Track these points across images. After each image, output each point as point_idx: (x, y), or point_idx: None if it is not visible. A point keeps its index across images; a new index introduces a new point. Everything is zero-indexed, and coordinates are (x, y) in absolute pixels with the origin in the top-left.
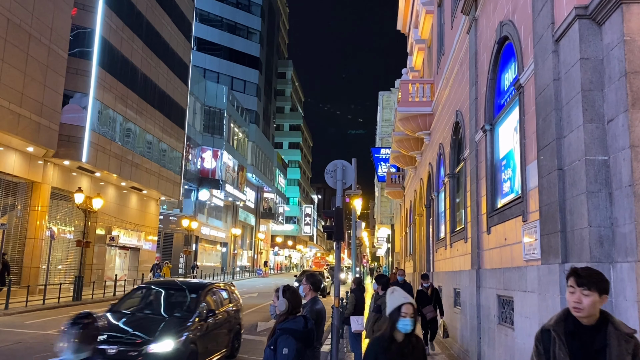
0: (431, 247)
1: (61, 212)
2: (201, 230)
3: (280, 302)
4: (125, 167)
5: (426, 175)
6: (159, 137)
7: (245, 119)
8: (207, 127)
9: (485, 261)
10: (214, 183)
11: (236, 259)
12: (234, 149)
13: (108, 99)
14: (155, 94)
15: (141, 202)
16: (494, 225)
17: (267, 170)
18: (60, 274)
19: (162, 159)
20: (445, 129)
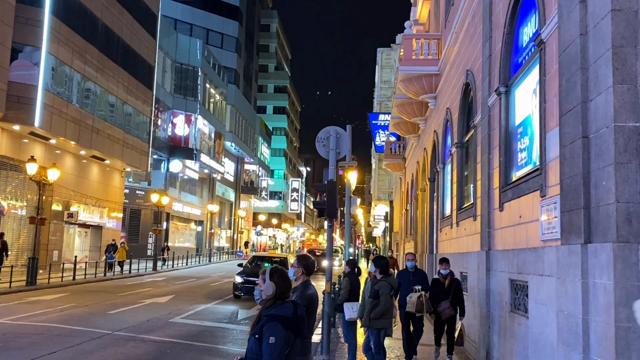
0: (435, 226)
1: (11, 184)
2: (173, 206)
3: (266, 285)
4: (84, 133)
5: (431, 145)
6: (123, 99)
7: (223, 79)
8: (178, 87)
9: (496, 241)
10: (187, 152)
11: (213, 239)
12: (210, 114)
13: (64, 54)
14: (119, 48)
15: (103, 173)
16: (507, 201)
17: (248, 139)
18: (12, 255)
19: (127, 124)
20: (454, 92)
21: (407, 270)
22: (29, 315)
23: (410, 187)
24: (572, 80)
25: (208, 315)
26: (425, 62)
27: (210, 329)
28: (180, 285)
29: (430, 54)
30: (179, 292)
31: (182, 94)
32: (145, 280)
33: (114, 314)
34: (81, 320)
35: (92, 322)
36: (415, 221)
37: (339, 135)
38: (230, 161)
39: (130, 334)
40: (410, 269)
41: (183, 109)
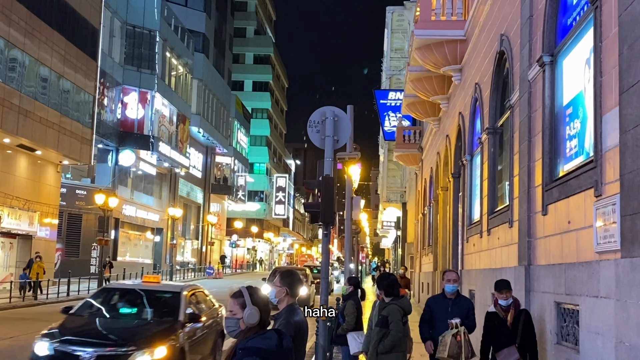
0: (460, 234)
1: None
2: (123, 209)
3: (248, 312)
4: (9, 115)
5: (455, 131)
6: (59, 72)
7: (188, 46)
8: (130, 57)
9: (538, 254)
10: (141, 141)
11: (175, 253)
12: (172, 91)
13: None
14: (53, 7)
15: (34, 168)
16: (552, 202)
17: (220, 123)
18: None
19: (64, 105)
20: (484, 63)
21: (445, 297)
22: None
23: (428, 185)
24: (636, 47)
25: None
26: (448, 24)
27: None
28: None
29: (455, 14)
30: None
31: (136, 66)
32: None
33: None
34: (4, 356)
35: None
36: (435, 229)
37: (337, 118)
38: (197, 152)
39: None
40: (449, 295)
41: (136, 85)
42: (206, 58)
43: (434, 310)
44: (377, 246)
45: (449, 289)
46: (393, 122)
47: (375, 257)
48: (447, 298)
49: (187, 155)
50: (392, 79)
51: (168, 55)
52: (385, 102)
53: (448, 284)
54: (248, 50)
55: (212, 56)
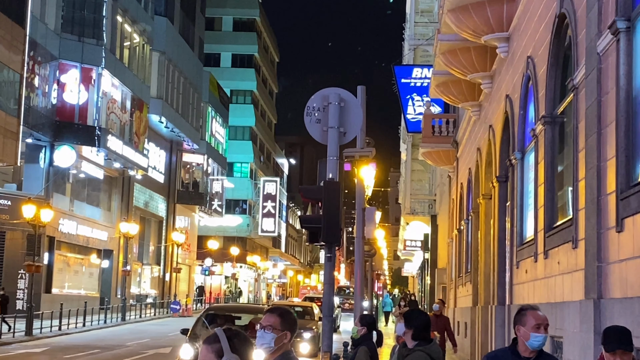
0: (508, 257)
1: None
2: (60, 225)
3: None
4: None
5: (500, 121)
6: None
7: (146, 9)
8: (70, 23)
9: (612, 284)
10: (84, 134)
11: (129, 282)
12: (125, 67)
13: None
14: None
15: None
16: (630, 215)
17: (189, 110)
18: None
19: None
20: (540, 30)
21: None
22: None
23: (466, 193)
24: None
25: None
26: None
27: None
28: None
29: None
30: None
31: (76, 34)
32: (12, 352)
33: None
34: None
35: None
36: (475, 250)
37: (345, 103)
38: (159, 148)
39: None
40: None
41: (77, 60)
42: (170, 23)
43: None
44: (397, 272)
45: (538, 342)
46: (419, 108)
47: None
48: (522, 358)
49: (145, 152)
50: (417, 51)
51: (120, 20)
52: (409, 82)
53: (538, 332)
54: (226, 13)
55: (179, 21)
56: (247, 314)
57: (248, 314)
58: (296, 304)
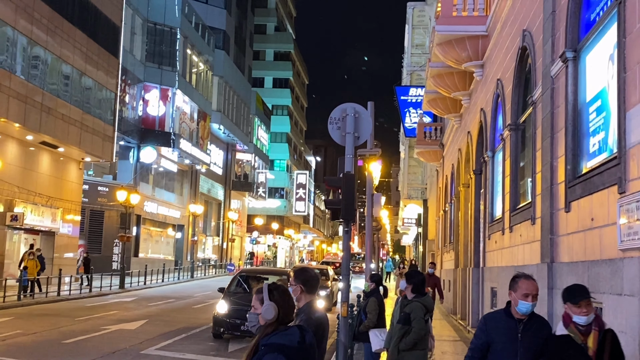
0: (482, 231)
1: None
2: (145, 206)
3: (265, 307)
4: (31, 112)
5: (476, 128)
6: (81, 69)
7: (208, 43)
8: (152, 54)
9: (561, 251)
10: (162, 137)
11: (196, 249)
12: (193, 88)
13: (5, 11)
14: (75, 4)
15: (56, 165)
16: (575, 199)
17: (241, 120)
18: None
19: (86, 102)
20: (507, 58)
21: (510, 317)
22: None
23: (449, 182)
24: None
25: (190, 346)
26: (470, 19)
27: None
28: (155, 308)
29: (476, 9)
30: (153, 316)
31: (157, 63)
32: (109, 300)
33: (70, 344)
34: (29, 351)
35: (42, 353)
36: (457, 226)
37: (358, 114)
38: (218, 149)
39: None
40: (519, 315)
41: (157, 82)
42: (227, 55)
43: (493, 339)
44: (397, 243)
45: (524, 309)
46: (414, 118)
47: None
48: (515, 319)
49: (207, 152)
50: (413, 75)
51: (189, 53)
52: (406, 99)
53: (526, 300)
54: (268, 47)
55: (233, 53)
56: (272, 275)
57: (273, 275)
58: (314, 267)
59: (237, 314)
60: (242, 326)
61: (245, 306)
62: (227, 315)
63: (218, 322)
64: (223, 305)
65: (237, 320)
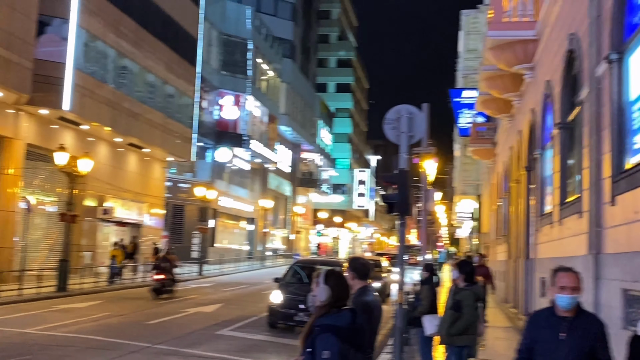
0: (532, 225)
1: (39, 176)
2: (220, 201)
3: (320, 289)
4: (120, 117)
5: (527, 127)
6: (164, 78)
7: (277, 52)
8: (226, 63)
9: (607, 243)
10: (236, 139)
11: (266, 240)
12: (262, 93)
13: (96, 26)
14: (158, 19)
15: (142, 164)
16: (620, 193)
17: (306, 122)
18: (40, 257)
19: (168, 107)
20: (555, 61)
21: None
22: (59, 325)
23: (502, 179)
24: None
25: (260, 328)
26: (520, 25)
27: (262, 343)
28: (229, 293)
29: (526, 15)
30: (227, 300)
31: (230, 71)
32: (189, 286)
33: (153, 325)
34: (116, 331)
35: (128, 333)
36: (509, 219)
37: (412, 115)
38: (285, 149)
39: (171, 348)
40: (562, 312)
41: (231, 89)
42: (293, 63)
43: (537, 338)
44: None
45: (563, 303)
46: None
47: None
48: (559, 317)
49: (276, 151)
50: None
51: (259, 61)
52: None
53: (562, 293)
54: (331, 54)
55: (299, 61)
56: (326, 265)
57: (327, 266)
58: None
59: (291, 304)
60: (295, 316)
61: (300, 296)
62: (281, 306)
63: (272, 312)
64: (277, 295)
65: (291, 311)
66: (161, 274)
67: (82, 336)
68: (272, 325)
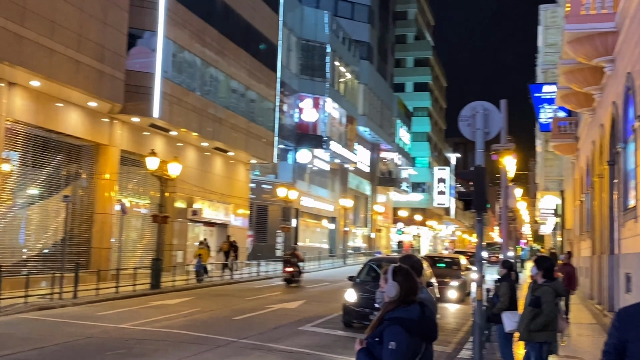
0: (616, 219)
1: (133, 181)
2: (301, 201)
3: (389, 285)
4: (206, 123)
5: (609, 120)
6: (246, 84)
7: (354, 55)
8: (305, 67)
9: None
10: (316, 140)
11: (347, 238)
12: (341, 95)
13: (182, 37)
14: (239, 27)
15: (227, 166)
16: None
17: (384, 122)
18: (135, 256)
19: (250, 112)
20: (635, 53)
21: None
22: (152, 321)
23: (584, 174)
24: None
25: (341, 324)
26: (598, 17)
27: (343, 338)
28: (312, 290)
29: (605, 7)
30: (310, 297)
31: (309, 75)
32: (273, 283)
33: (239, 320)
34: (205, 326)
35: (216, 328)
36: (592, 215)
37: (488, 111)
38: (364, 149)
39: (256, 342)
40: None
41: (310, 92)
42: (370, 64)
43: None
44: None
45: None
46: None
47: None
48: None
49: (355, 152)
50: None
51: (337, 64)
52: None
53: None
54: (408, 54)
55: (376, 62)
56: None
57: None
58: (445, 256)
59: (365, 302)
60: (371, 315)
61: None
62: (356, 304)
63: (347, 311)
64: (352, 294)
65: (366, 309)
66: (291, 267)
67: (174, 331)
68: (347, 325)
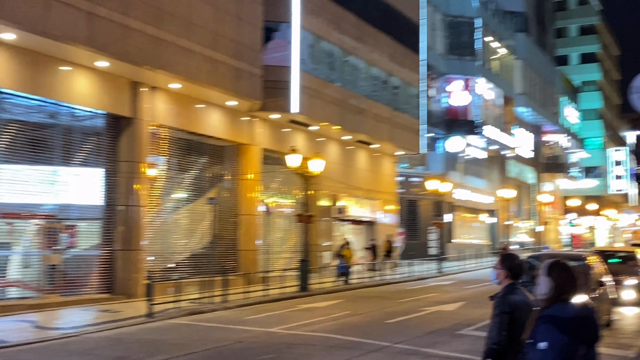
0: None
1: (276, 179)
2: (454, 193)
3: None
4: (347, 115)
5: None
6: (388, 70)
7: (508, 28)
8: (452, 47)
9: None
10: (467, 126)
11: (510, 233)
12: (495, 74)
13: (319, 26)
14: (377, 9)
15: (371, 160)
16: None
17: (546, 100)
18: (281, 258)
19: (394, 100)
20: None
21: None
22: (301, 324)
23: None
24: None
25: None
26: None
27: None
28: (471, 290)
29: None
30: (469, 298)
31: (457, 55)
32: (428, 284)
33: (392, 324)
34: (356, 330)
35: (367, 332)
36: None
37: None
38: (524, 132)
39: (410, 347)
40: None
41: (459, 73)
42: (527, 37)
43: None
44: None
45: None
46: None
47: None
48: None
49: (514, 136)
50: None
51: (488, 40)
52: None
53: None
54: (571, 22)
55: (534, 34)
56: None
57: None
58: (618, 249)
59: None
60: None
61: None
62: None
63: None
64: None
65: None
66: None
67: (323, 335)
68: None
